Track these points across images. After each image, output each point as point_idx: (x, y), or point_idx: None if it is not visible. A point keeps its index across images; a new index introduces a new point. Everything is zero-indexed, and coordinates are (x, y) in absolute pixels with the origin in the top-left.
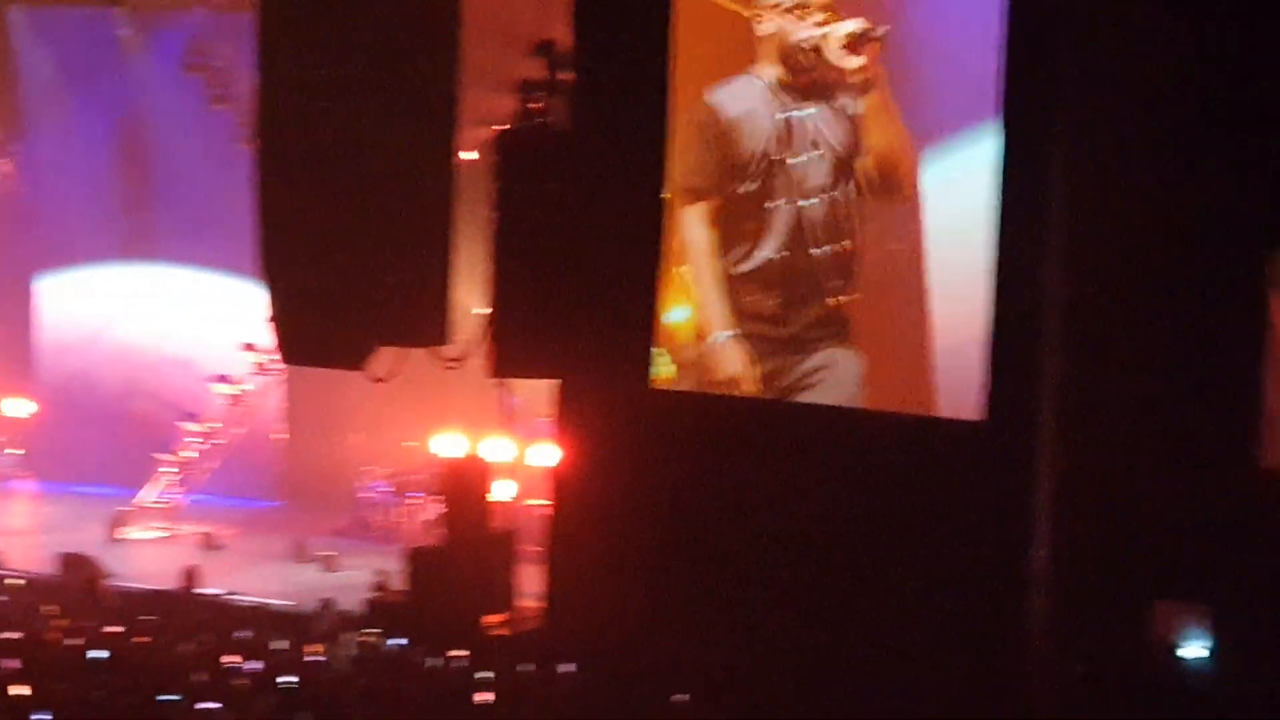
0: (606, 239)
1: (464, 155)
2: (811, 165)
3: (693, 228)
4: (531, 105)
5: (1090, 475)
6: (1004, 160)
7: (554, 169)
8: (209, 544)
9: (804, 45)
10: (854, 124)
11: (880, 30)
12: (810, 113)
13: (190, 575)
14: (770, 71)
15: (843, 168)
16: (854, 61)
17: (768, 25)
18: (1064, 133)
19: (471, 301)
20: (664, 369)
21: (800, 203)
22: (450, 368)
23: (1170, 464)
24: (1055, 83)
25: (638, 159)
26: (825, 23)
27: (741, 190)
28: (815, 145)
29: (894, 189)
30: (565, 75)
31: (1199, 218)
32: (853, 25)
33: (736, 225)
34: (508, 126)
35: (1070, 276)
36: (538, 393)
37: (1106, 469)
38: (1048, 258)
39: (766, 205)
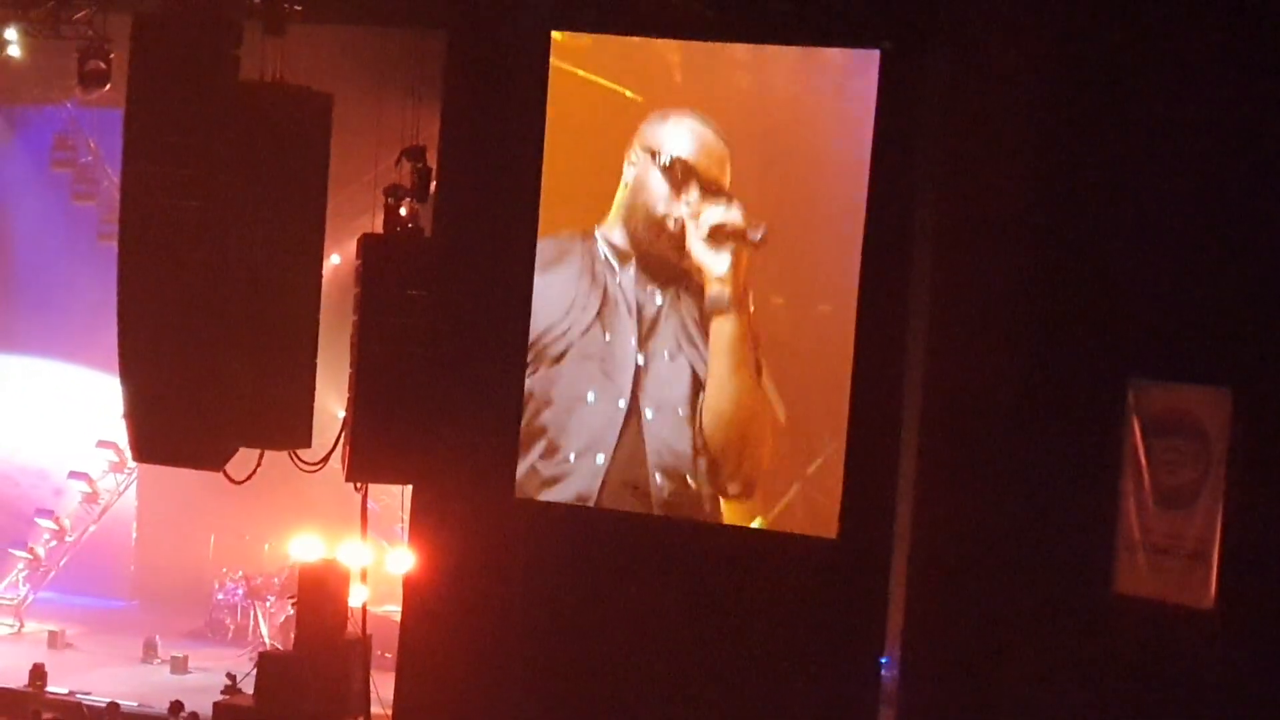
0: (470, 346)
1: (328, 259)
2: (660, 369)
3: None
4: (398, 210)
5: (942, 596)
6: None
7: (418, 274)
8: (57, 642)
9: (668, 221)
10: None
11: (758, 233)
12: (667, 302)
13: (38, 673)
14: (618, 234)
15: (699, 385)
16: (717, 263)
17: (635, 168)
18: (924, 263)
19: (333, 404)
20: None
21: (647, 414)
22: (310, 471)
23: (1023, 587)
24: (912, 234)
25: (504, 267)
26: (701, 201)
27: (538, 372)
28: (669, 347)
29: (727, 482)
30: (433, 181)
31: (1058, 344)
32: (724, 214)
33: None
34: (374, 231)
35: (928, 398)
36: (397, 498)
37: (959, 590)
38: (905, 378)
39: (574, 397)
